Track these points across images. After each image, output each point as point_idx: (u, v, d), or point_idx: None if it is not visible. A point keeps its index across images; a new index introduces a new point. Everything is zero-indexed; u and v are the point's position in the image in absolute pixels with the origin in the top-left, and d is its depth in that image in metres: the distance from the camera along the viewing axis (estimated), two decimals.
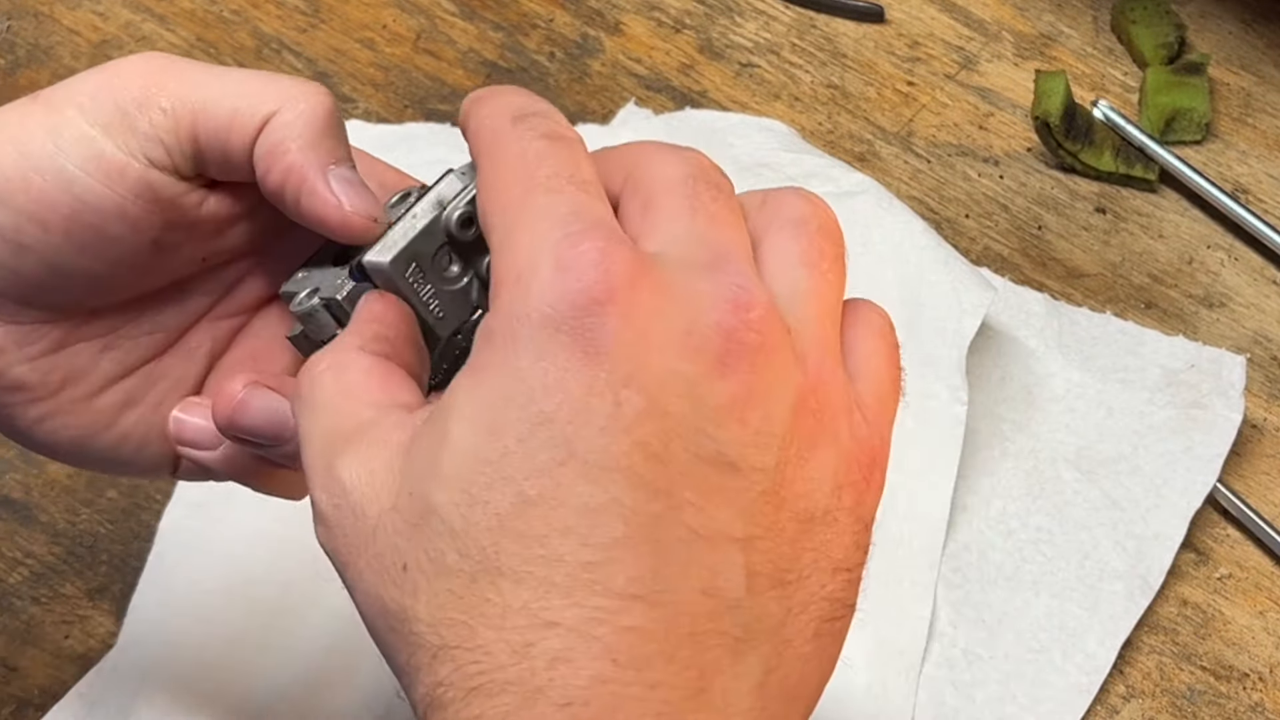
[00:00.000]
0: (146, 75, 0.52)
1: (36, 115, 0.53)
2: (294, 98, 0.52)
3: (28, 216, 0.52)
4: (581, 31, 0.95)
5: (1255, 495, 0.80)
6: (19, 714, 0.73)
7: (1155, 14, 0.94)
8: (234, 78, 0.53)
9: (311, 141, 0.52)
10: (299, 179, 0.52)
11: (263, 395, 0.53)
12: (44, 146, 0.52)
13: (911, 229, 0.82)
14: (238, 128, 0.52)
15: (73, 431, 0.56)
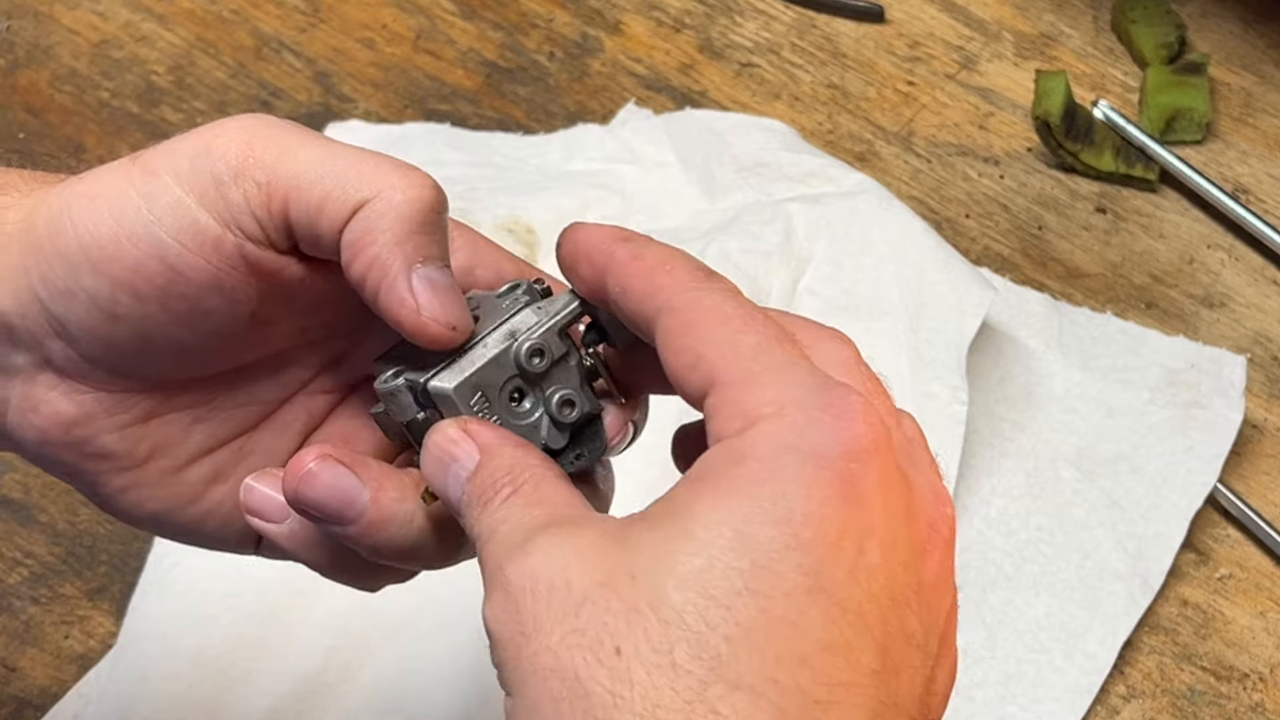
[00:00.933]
0: (245, 144, 0.50)
1: (133, 180, 0.51)
2: (392, 187, 0.50)
3: (121, 285, 0.50)
4: (581, 31, 0.95)
5: (1255, 495, 0.80)
6: (19, 714, 0.73)
7: (1155, 14, 0.94)
8: (336, 156, 0.51)
9: (401, 236, 0.50)
10: (380, 274, 0.50)
11: (333, 469, 0.51)
12: (139, 214, 0.50)
13: (911, 229, 0.82)
14: (329, 211, 0.50)
15: (158, 504, 0.54)
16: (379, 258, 0.50)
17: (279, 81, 0.93)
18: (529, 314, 0.52)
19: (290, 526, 0.53)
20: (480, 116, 0.92)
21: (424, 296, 0.50)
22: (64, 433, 0.53)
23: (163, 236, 0.50)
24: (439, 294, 0.50)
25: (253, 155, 0.50)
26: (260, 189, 0.50)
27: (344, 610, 0.74)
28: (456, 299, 0.50)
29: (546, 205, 0.85)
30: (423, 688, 0.72)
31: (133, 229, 0.50)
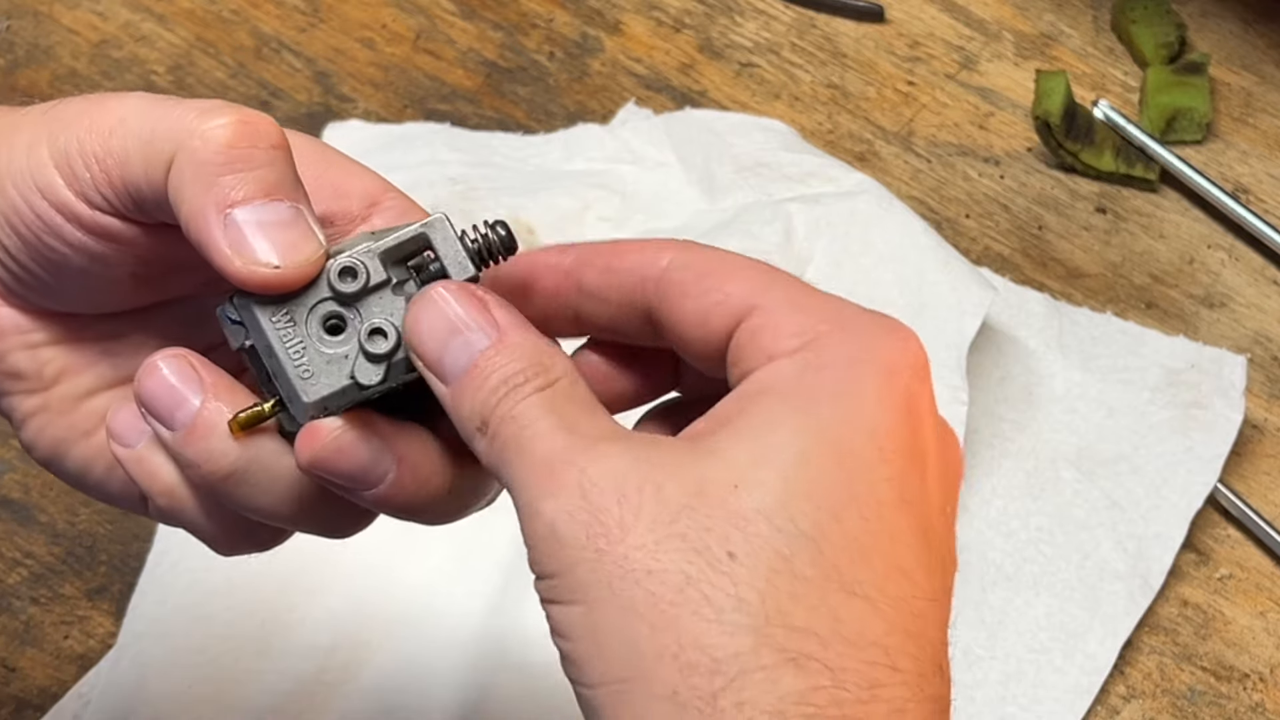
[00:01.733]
0: (84, 119, 0.50)
1: (27, 133, 0.51)
2: (189, 134, 0.47)
3: (5, 220, 0.51)
4: (581, 31, 0.95)
5: (1256, 495, 0.80)
6: (18, 714, 0.73)
7: (1156, 13, 0.94)
8: (146, 115, 0.49)
9: (206, 183, 0.47)
10: (196, 230, 0.47)
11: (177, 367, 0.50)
12: (20, 161, 0.50)
13: (911, 229, 0.82)
14: (151, 180, 0.48)
15: (57, 432, 0.54)
16: (192, 215, 0.47)
17: (279, 81, 0.93)
18: (365, 240, 0.48)
19: (141, 452, 0.51)
20: (480, 116, 0.92)
21: (238, 242, 0.47)
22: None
23: (35, 196, 0.50)
24: (259, 234, 0.47)
25: (89, 129, 0.49)
26: (99, 165, 0.49)
27: (344, 610, 0.74)
28: (286, 235, 0.47)
29: (546, 205, 0.85)
30: (424, 686, 0.72)
31: (15, 175, 0.50)
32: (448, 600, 0.74)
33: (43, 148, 0.50)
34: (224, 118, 0.47)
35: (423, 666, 0.73)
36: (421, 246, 0.48)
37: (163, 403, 0.49)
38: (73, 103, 0.51)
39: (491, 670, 0.72)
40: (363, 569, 0.75)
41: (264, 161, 0.47)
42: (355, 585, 0.75)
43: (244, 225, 0.47)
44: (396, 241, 0.48)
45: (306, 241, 0.47)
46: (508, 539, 0.75)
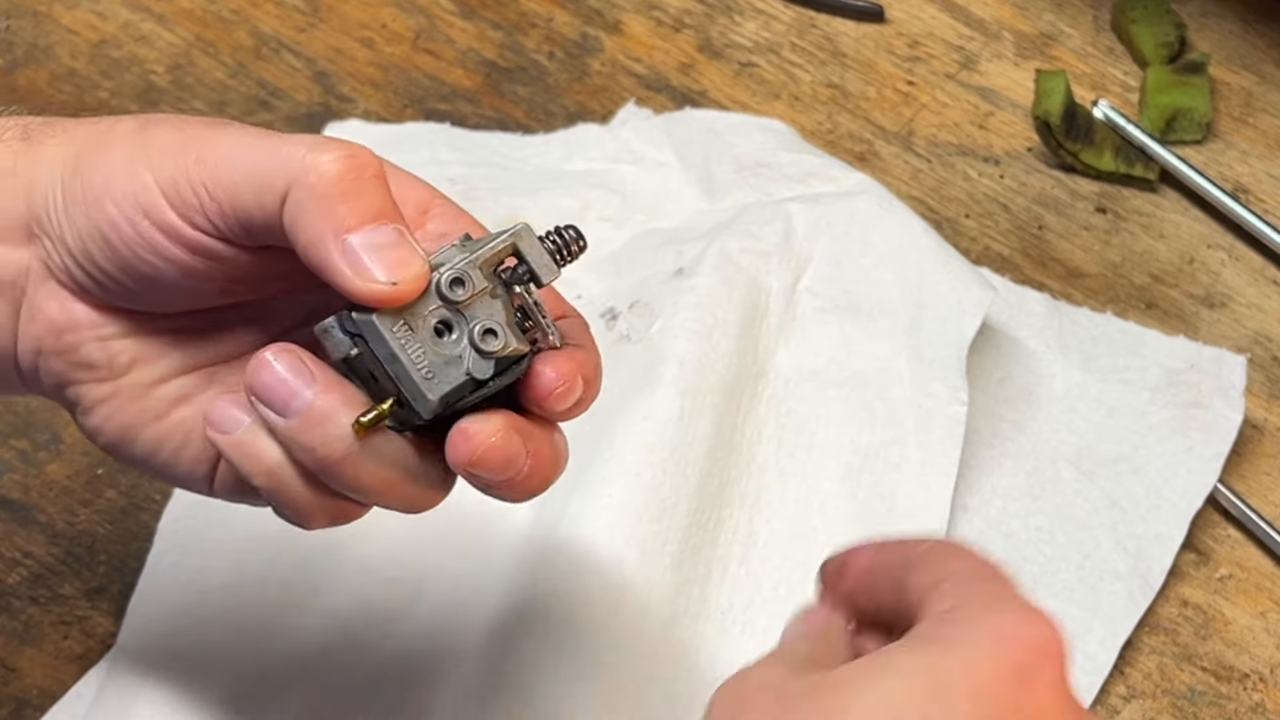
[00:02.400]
0: (190, 151, 0.54)
1: (119, 150, 0.55)
2: (305, 169, 0.53)
3: (100, 234, 0.55)
4: (581, 31, 0.95)
5: (1256, 495, 0.80)
6: (18, 714, 0.73)
7: (1156, 13, 0.94)
8: (254, 150, 0.54)
9: (323, 214, 0.53)
10: (318, 257, 0.53)
11: (288, 360, 0.55)
12: (120, 183, 0.55)
13: (911, 229, 0.82)
14: (264, 209, 0.54)
15: (125, 417, 0.58)
16: (311, 242, 0.53)
17: (278, 81, 0.93)
18: (454, 251, 0.55)
19: (240, 437, 0.56)
20: (480, 116, 0.92)
21: (357, 265, 0.52)
22: (55, 339, 0.57)
23: (137, 216, 0.55)
24: (373, 256, 0.53)
25: (197, 159, 0.54)
26: (210, 195, 0.54)
27: (344, 610, 0.74)
28: (395, 255, 0.53)
29: (546, 205, 0.85)
30: (424, 686, 0.72)
31: (117, 193, 0.55)
32: (448, 594, 0.74)
33: (145, 173, 0.54)
34: (333, 153, 0.53)
35: (424, 673, 0.73)
36: (510, 253, 0.55)
37: (277, 394, 0.54)
38: (167, 129, 0.56)
39: (492, 642, 0.72)
40: (363, 570, 0.75)
41: (370, 190, 0.53)
42: (356, 586, 0.75)
43: (360, 249, 0.53)
44: (492, 252, 0.54)
45: (413, 258, 0.53)
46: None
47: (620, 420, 0.75)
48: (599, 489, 0.73)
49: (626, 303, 0.80)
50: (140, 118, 0.57)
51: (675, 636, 0.73)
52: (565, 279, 0.75)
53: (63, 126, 0.57)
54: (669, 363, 0.76)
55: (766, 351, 0.79)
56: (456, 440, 0.54)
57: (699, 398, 0.76)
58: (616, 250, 0.84)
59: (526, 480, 0.55)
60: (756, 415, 0.78)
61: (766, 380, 0.79)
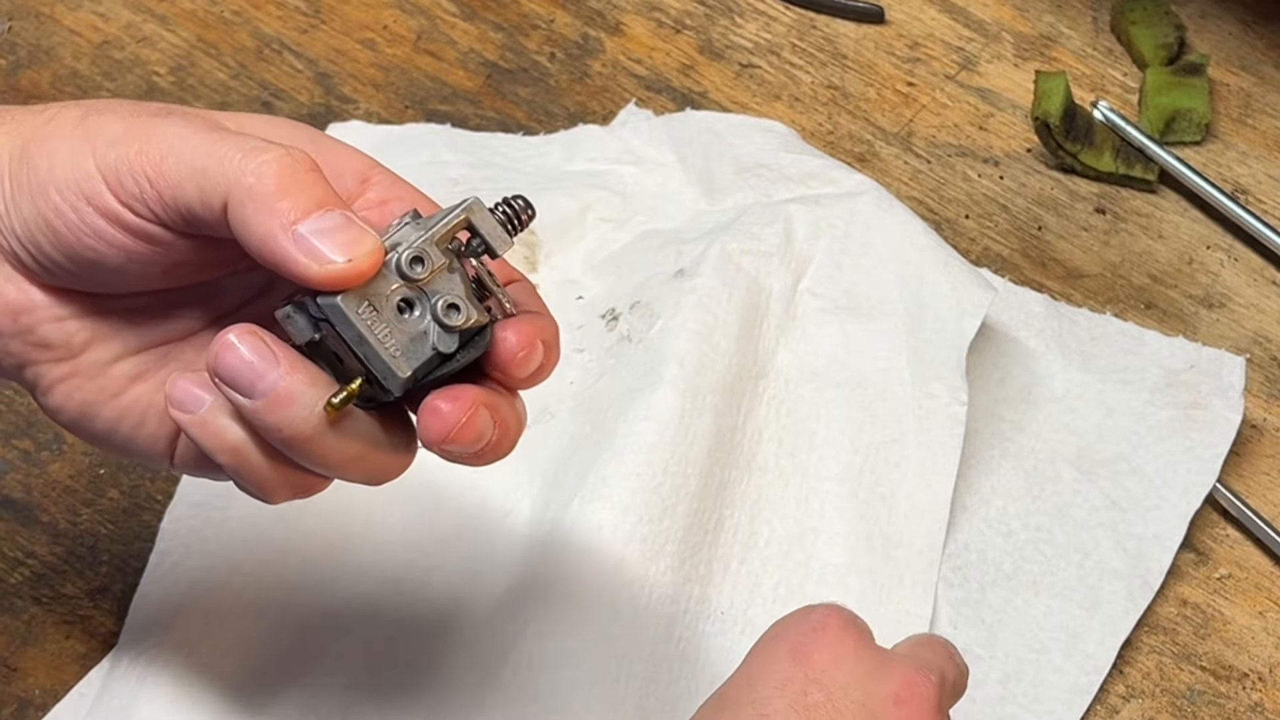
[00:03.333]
0: (132, 142, 0.56)
1: (62, 140, 0.57)
2: (241, 173, 0.54)
3: (45, 220, 0.57)
4: (582, 32, 0.95)
5: (1255, 495, 0.80)
6: (20, 714, 0.73)
7: (1155, 15, 0.94)
8: (196, 152, 0.55)
9: (267, 212, 0.54)
10: (270, 252, 0.54)
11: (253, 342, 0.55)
12: (64, 170, 0.56)
13: (911, 229, 0.82)
14: (208, 209, 0.55)
15: (85, 395, 0.60)
16: (263, 240, 0.54)
17: (280, 82, 0.93)
18: (410, 229, 0.56)
19: (203, 416, 0.56)
20: (481, 117, 0.92)
21: (310, 251, 0.54)
22: (12, 320, 0.59)
23: (80, 202, 0.56)
24: (324, 239, 0.54)
25: (139, 150, 0.55)
26: (152, 185, 0.55)
27: (344, 609, 0.75)
28: (345, 235, 0.54)
29: (547, 206, 0.85)
30: (425, 686, 0.72)
31: (60, 180, 0.56)
32: (452, 607, 0.74)
33: (88, 160, 0.56)
34: (267, 154, 0.54)
35: (426, 673, 0.73)
36: (463, 228, 0.56)
37: (243, 376, 0.55)
38: (110, 118, 0.57)
39: (500, 633, 0.72)
40: (365, 571, 0.76)
41: (309, 183, 0.55)
42: (357, 587, 0.75)
43: (310, 235, 0.54)
44: (447, 228, 0.56)
45: (364, 236, 0.54)
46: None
47: (621, 420, 0.75)
48: (600, 489, 0.74)
49: (627, 303, 0.80)
50: (85, 104, 0.58)
51: (675, 636, 0.73)
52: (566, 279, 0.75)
53: (11, 115, 0.58)
54: (669, 363, 0.76)
55: (767, 352, 0.79)
56: (428, 419, 0.56)
57: (699, 398, 0.76)
58: (617, 251, 0.85)
59: (494, 449, 0.57)
60: (757, 415, 0.78)
61: (767, 380, 0.79)
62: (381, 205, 0.59)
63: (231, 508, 0.77)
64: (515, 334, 0.57)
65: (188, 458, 0.60)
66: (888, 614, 0.75)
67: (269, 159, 0.54)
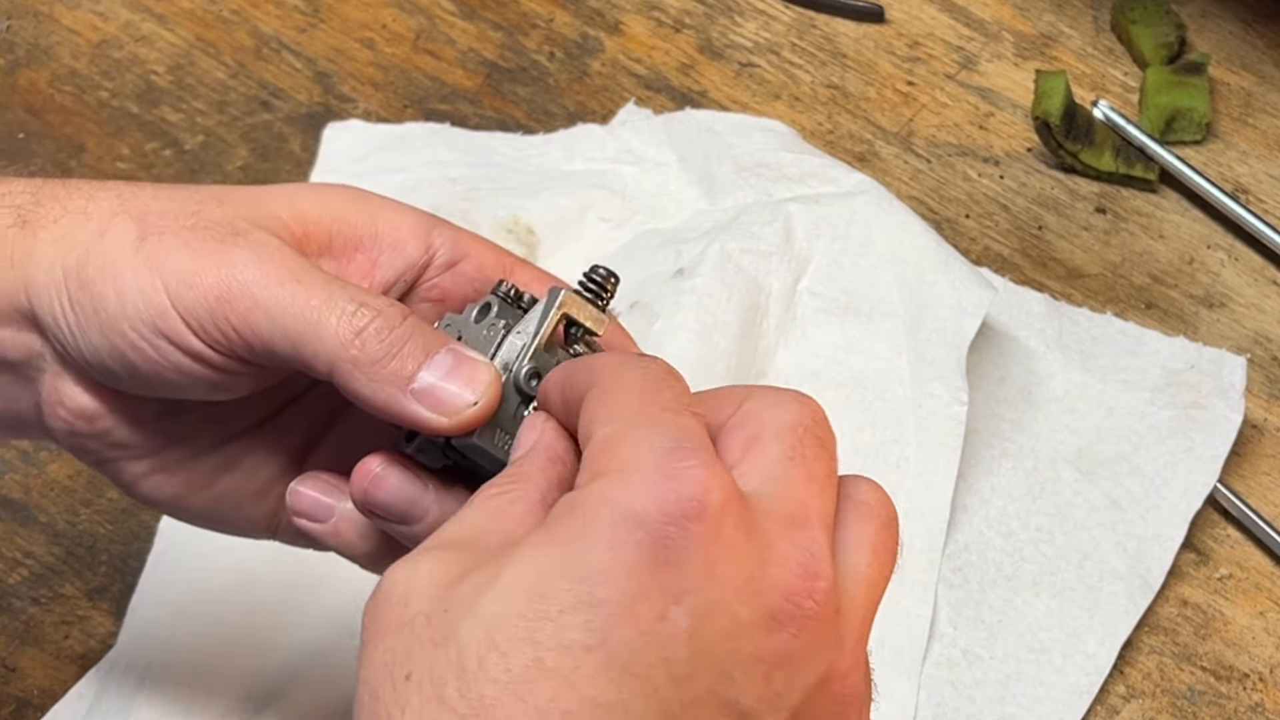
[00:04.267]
0: (205, 279, 0.54)
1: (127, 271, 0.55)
2: (342, 349, 0.54)
3: (119, 353, 0.55)
4: (581, 31, 0.95)
5: (1255, 495, 0.80)
6: (19, 714, 0.73)
7: (1155, 14, 0.94)
8: (286, 315, 0.54)
9: (381, 379, 0.54)
10: (396, 415, 0.54)
11: (399, 472, 0.56)
12: (136, 307, 0.55)
13: (911, 229, 0.82)
14: (307, 366, 0.55)
15: (173, 488, 0.59)
16: (382, 406, 0.54)
17: (279, 81, 0.93)
18: (514, 339, 0.56)
19: (335, 525, 0.58)
20: (480, 117, 0.92)
21: (433, 403, 0.54)
22: (88, 424, 0.58)
23: (163, 339, 0.55)
24: (443, 389, 0.54)
25: (227, 299, 0.54)
26: (239, 335, 0.54)
27: (344, 610, 0.74)
28: (462, 376, 0.54)
29: (547, 206, 0.85)
30: None
31: (134, 318, 0.55)
32: None
33: (161, 297, 0.54)
34: (363, 322, 0.54)
35: None
36: (561, 323, 0.56)
37: (395, 509, 0.56)
38: (173, 243, 0.55)
39: None
40: (364, 571, 0.75)
41: (407, 333, 0.54)
42: (357, 587, 0.75)
43: (428, 389, 0.54)
44: (549, 330, 0.56)
45: (477, 372, 0.54)
46: None
47: None
48: None
49: (627, 303, 0.80)
50: (133, 209, 0.56)
51: None
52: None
53: (54, 218, 0.57)
54: (669, 363, 0.76)
55: (767, 352, 0.79)
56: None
57: None
58: (616, 250, 0.84)
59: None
60: None
61: (767, 380, 0.79)
62: (451, 269, 0.59)
63: None
64: None
65: (291, 531, 0.60)
66: (888, 614, 0.75)
67: (369, 330, 0.54)
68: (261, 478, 0.60)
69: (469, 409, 0.54)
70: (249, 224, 0.56)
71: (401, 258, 0.58)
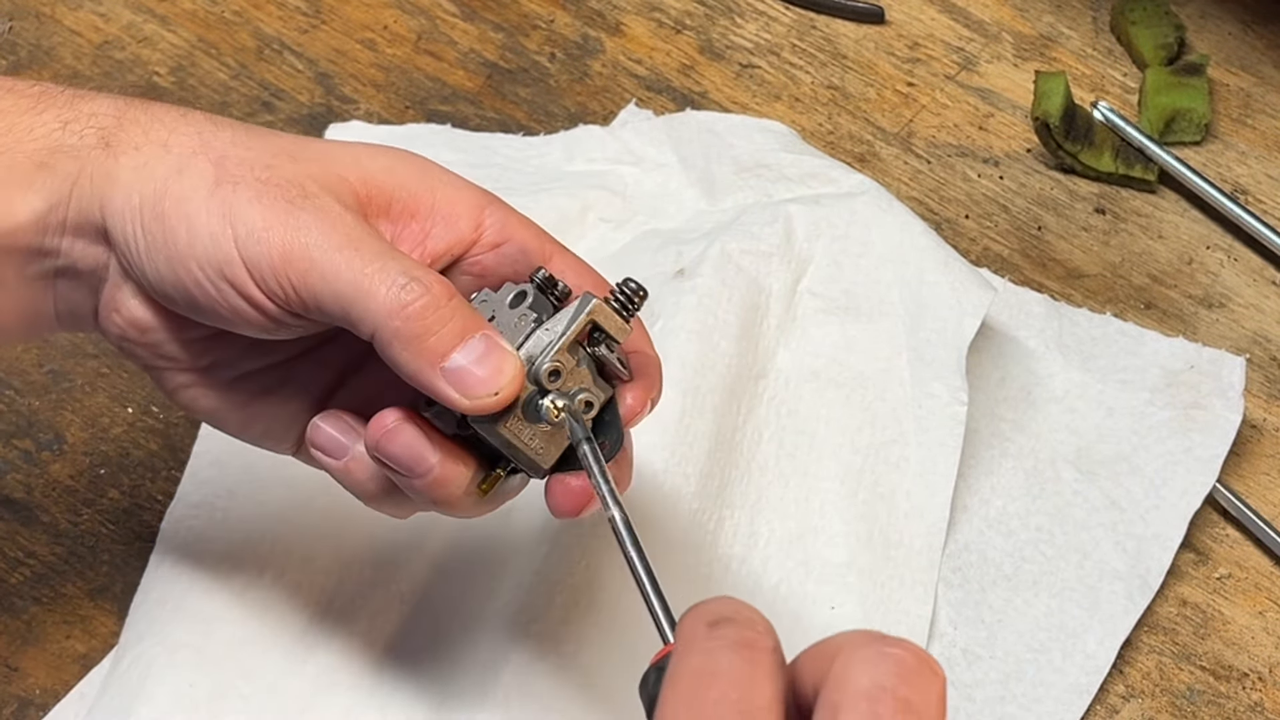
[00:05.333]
0: (273, 235, 0.59)
1: (199, 209, 0.59)
2: (387, 316, 0.58)
3: (184, 286, 0.60)
4: (582, 32, 0.95)
5: (1255, 495, 0.80)
6: (20, 714, 0.73)
7: (1155, 15, 0.94)
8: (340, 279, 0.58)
9: (415, 350, 0.58)
10: (421, 385, 0.59)
11: (412, 432, 0.60)
12: (205, 248, 0.59)
13: (911, 229, 0.82)
14: (353, 326, 0.59)
15: (210, 403, 0.65)
16: (412, 374, 0.59)
17: (280, 82, 0.93)
18: (541, 335, 0.60)
19: (346, 464, 0.62)
20: (481, 117, 0.92)
21: (459, 384, 0.58)
22: (139, 334, 0.63)
23: (226, 283, 0.59)
24: (471, 373, 0.58)
25: (289, 258, 0.58)
26: (297, 293, 0.59)
27: (345, 609, 0.75)
28: (490, 364, 0.58)
29: (548, 206, 0.85)
30: (424, 684, 0.72)
31: (201, 257, 0.59)
32: (452, 609, 0.74)
33: (230, 246, 0.59)
34: (410, 296, 0.58)
35: (426, 673, 0.73)
36: (587, 327, 0.60)
37: (401, 463, 0.60)
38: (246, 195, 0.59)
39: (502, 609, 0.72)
40: (366, 571, 0.76)
41: (449, 315, 0.58)
42: (358, 587, 0.75)
43: (457, 371, 0.58)
44: (576, 333, 0.60)
45: (504, 363, 0.59)
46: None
47: None
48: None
49: None
50: (214, 162, 0.60)
51: None
52: None
53: (135, 144, 0.61)
54: (670, 363, 0.76)
55: (767, 352, 0.79)
56: (558, 492, 0.62)
57: (699, 398, 0.76)
58: (617, 251, 0.85)
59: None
60: (757, 416, 0.78)
61: (767, 381, 0.79)
62: (495, 249, 0.63)
63: (232, 508, 0.77)
64: (633, 398, 0.62)
65: (310, 456, 0.64)
66: (888, 614, 0.75)
67: (414, 305, 0.58)
68: (293, 405, 0.65)
69: (490, 397, 0.58)
70: (317, 186, 0.60)
71: (453, 232, 0.62)
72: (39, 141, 0.61)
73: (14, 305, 0.63)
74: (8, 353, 0.82)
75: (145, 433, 0.80)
